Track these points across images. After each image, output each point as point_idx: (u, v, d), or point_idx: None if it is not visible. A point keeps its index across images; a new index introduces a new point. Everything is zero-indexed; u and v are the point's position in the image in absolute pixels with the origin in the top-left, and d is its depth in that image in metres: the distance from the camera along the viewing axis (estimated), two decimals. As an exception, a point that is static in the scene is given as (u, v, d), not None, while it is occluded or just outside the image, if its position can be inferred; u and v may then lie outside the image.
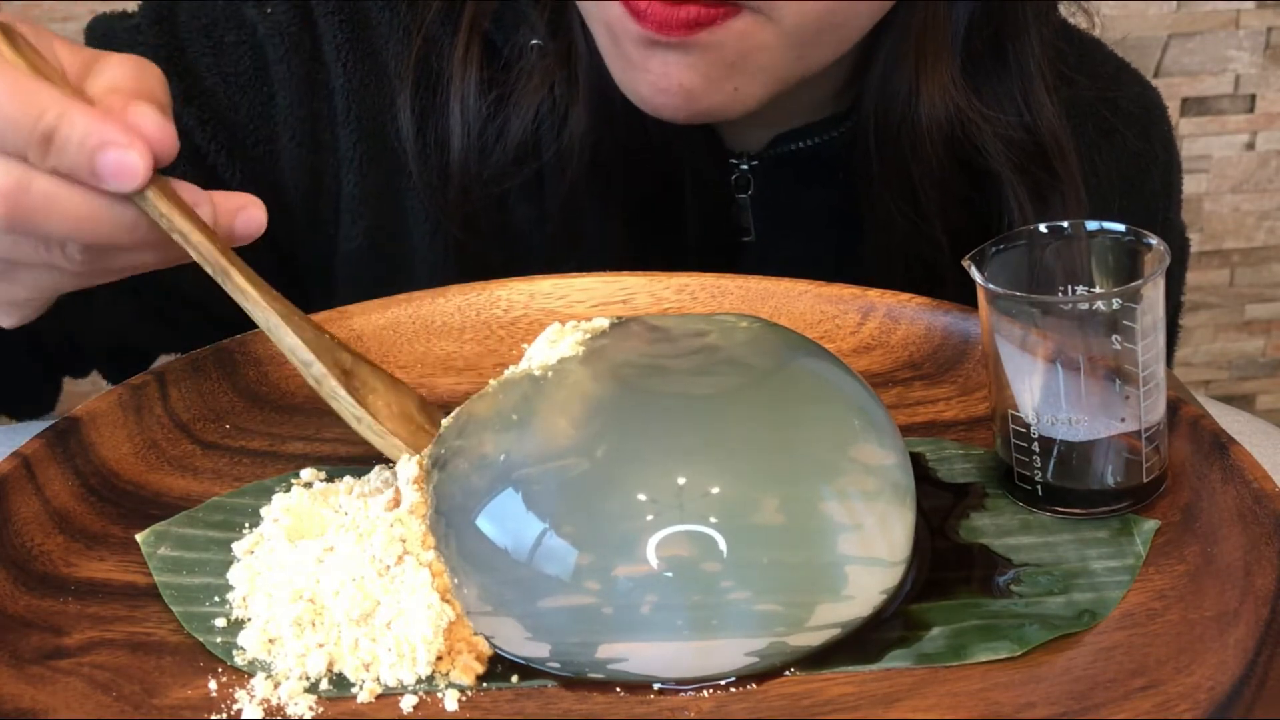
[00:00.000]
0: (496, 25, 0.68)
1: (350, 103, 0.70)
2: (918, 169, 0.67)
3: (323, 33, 0.70)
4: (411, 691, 0.41)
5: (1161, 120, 0.81)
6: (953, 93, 0.66)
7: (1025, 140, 0.67)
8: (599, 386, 0.44)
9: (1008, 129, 0.67)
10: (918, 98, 0.66)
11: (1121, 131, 0.77)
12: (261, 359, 0.55)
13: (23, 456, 0.47)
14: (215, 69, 0.69)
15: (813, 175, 0.72)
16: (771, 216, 0.72)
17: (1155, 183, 0.80)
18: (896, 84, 0.66)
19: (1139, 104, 0.79)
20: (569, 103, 0.67)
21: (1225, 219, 1.76)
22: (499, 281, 0.59)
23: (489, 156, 0.68)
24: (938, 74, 0.65)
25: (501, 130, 0.67)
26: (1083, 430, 0.45)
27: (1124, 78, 0.80)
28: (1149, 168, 0.79)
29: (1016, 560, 0.45)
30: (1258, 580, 0.42)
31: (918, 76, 0.66)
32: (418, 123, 0.68)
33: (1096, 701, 0.39)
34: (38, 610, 0.43)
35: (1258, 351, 1.84)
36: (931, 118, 0.66)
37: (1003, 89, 0.67)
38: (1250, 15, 1.66)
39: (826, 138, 0.71)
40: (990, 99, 0.67)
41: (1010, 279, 0.46)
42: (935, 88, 0.65)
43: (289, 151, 0.70)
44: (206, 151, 0.69)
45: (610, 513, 0.41)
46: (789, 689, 0.41)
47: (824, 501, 0.42)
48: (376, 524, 0.44)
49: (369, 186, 0.70)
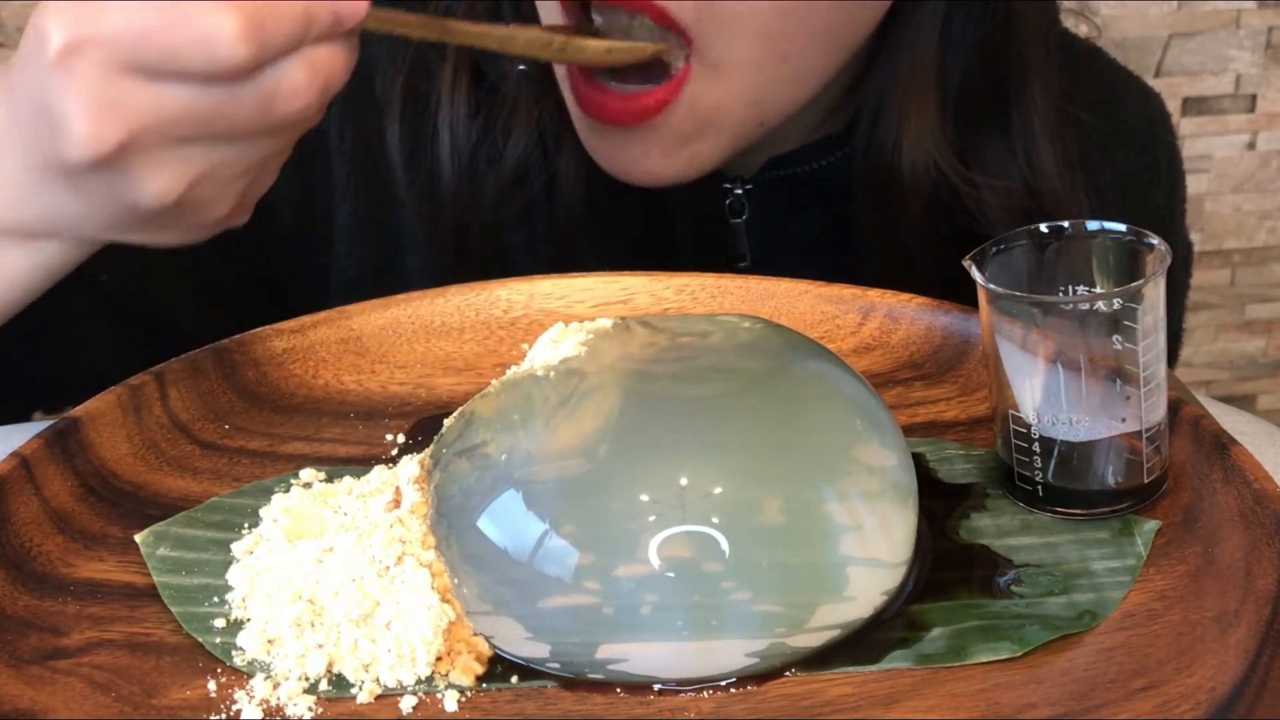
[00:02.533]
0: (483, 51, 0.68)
1: (344, 130, 0.69)
2: (903, 218, 0.66)
3: None
4: (411, 692, 0.41)
5: (1165, 131, 0.79)
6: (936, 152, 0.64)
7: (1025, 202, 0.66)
8: (601, 387, 0.44)
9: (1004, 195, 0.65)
10: (901, 149, 0.64)
11: (1124, 148, 0.76)
12: (260, 359, 0.55)
13: (21, 457, 0.47)
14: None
15: (807, 198, 0.71)
16: (767, 240, 0.72)
17: (1159, 198, 0.78)
18: (882, 129, 0.65)
19: (1141, 115, 0.78)
20: (559, 131, 0.67)
21: (1226, 219, 1.76)
22: (499, 281, 0.59)
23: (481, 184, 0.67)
24: (920, 129, 0.64)
25: (492, 157, 0.67)
26: (1083, 430, 0.45)
27: (1125, 88, 0.78)
28: (1153, 182, 0.77)
29: (1017, 561, 0.45)
30: (1259, 581, 0.42)
31: (900, 127, 0.64)
32: (408, 150, 0.68)
33: (1097, 702, 0.39)
34: (37, 611, 0.43)
35: (1259, 352, 1.84)
36: (914, 170, 0.64)
37: (1004, 147, 0.66)
38: (1251, 15, 1.66)
39: (820, 164, 0.70)
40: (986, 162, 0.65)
41: (1011, 279, 0.46)
42: (918, 144, 0.64)
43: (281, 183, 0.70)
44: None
45: (612, 513, 0.41)
46: (789, 690, 0.40)
47: (826, 502, 0.42)
48: (376, 524, 0.44)
49: (362, 215, 0.70)
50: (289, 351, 0.55)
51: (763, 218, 0.71)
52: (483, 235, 0.69)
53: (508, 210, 0.68)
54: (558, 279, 0.59)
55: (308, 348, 0.56)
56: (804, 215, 0.72)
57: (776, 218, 0.72)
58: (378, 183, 0.70)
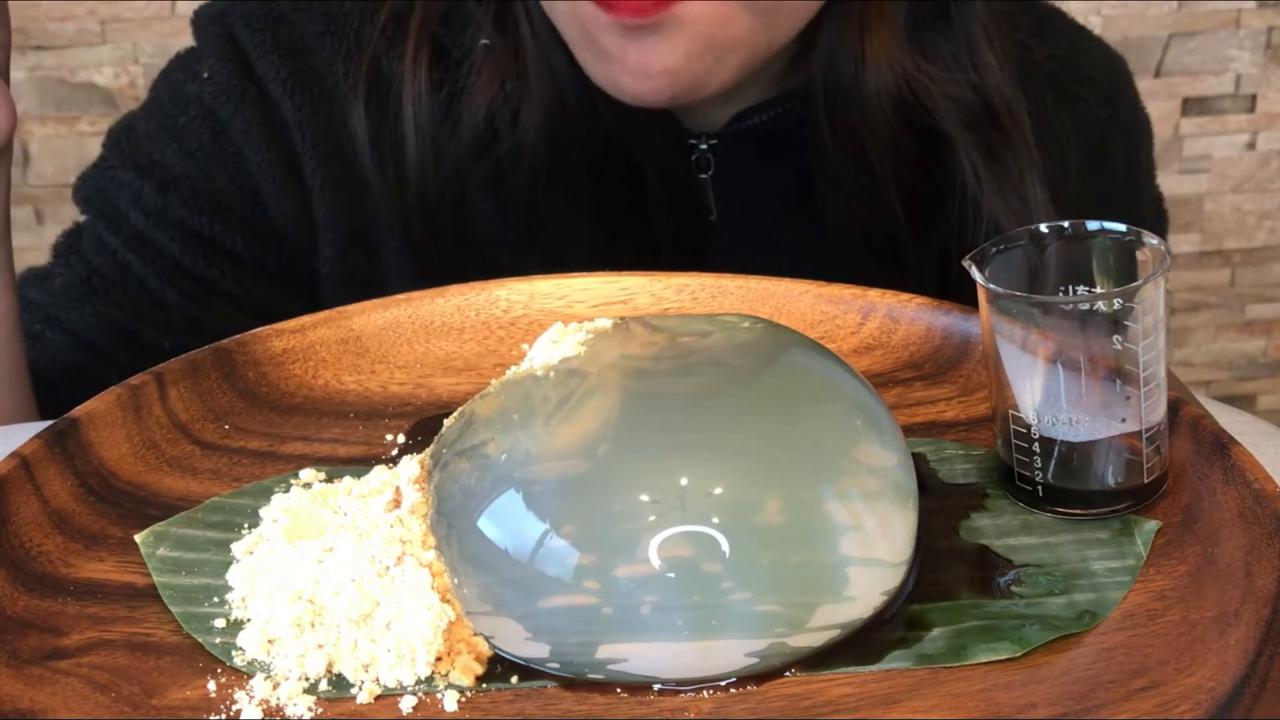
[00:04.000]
0: (444, 27, 0.68)
1: (305, 131, 0.71)
2: (869, 134, 0.68)
3: (264, 73, 0.71)
4: (411, 692, 0.41)
5: (1126, 84, 0.80)
6: (899, 55, 0.66)
7: (973, 99, 0.68)
8: (601, 387, 0.44)
9: (955, 88, 0.67)
10: (864, 62, 0.66)
11: (1084, 97, 0.77)
12: (260, 359, 0.55)
13: (21, 457, 0.47)
14: (180, 154, 0.71)
15: (772, 152, 0.72)
16: (733, 196, 0.72)
17: (1120, 149, 0.80)
18: (843, 50, 0.67)
19: (1101, 69, 0.79)
20: (520, 98, 0.67)
21: (1226, 219, 1.76)
22: (498, 281, 0.59)
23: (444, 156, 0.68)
24: (883, 39, 0.66)
25: (455, 128, 0.68)
26: (1083, 431, 0.45)
27: (1084, 44, 0.80)
28: (1113, 134, 0.79)
29: (1017, 561, 0.45)
30: (1259, 581, 0.42)
31: (863, 42, 0.66)
32: (372, 133, 0.69)
33: (1097, 702, 0.39)
34: (37, 611, 0.43)
35: (1259, 352, 1.84)
36: (879, 81, 0.66)
37: (948, 49, 0.68)
38: (1251, 15, 1.66)
39: (782, 110, 0.71)
40: (936, 60, 0.67)
41: (1010, 279, 0.46)
42: (881, 52, 0.66)
43: (274, 197, 0.71)
44: (201, 229, 0.71)
45: (612, 513, 0.41)
46: (789, 690, 0.40)
47: (826, 502, 0.42)
48: (376, 524, 0.44)
49: (335, 211, 0.71)
50: (289, 351, 0.55)
51: (729, 173, 0.72)
52: (450, 207, 0.69)
53: (472, 180, 0.69)
54: (558, 279, 0.59)
55: (308, 348, 0.56)
56: (770, 170, 0.73)
57: (743, 173, 0.73)
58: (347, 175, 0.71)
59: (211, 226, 0.71)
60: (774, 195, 0.74)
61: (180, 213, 0.71)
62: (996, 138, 0.69)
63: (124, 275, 0.72)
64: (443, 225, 0.70)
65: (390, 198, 0.70)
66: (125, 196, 0.72)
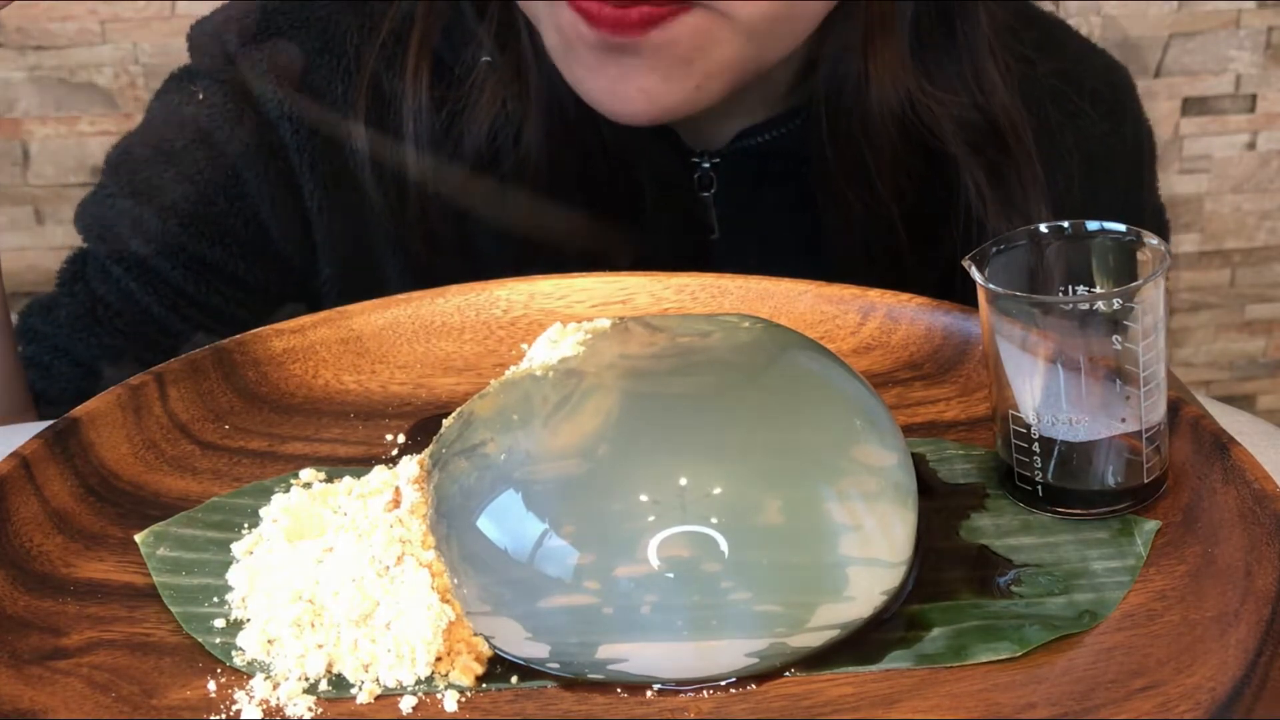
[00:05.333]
0: (446, 43, 0.68)
1: (303, 152, 0.70)
2: (872, 154, 0.67)
3: (261, 94, 0.70)
4: (411, 692, 0.41)
5: (1129, 98, 0.80)
6: (903, 76, 0.66)
7: (978, 120, 0.68)
8: (600, 387, 0.44)
9: (960, 109, 0.67)
10: (868, 83, 0.66)
11: (1088, 113, 0.76)
12: (260, 359, 0.55)
13: (21, 457, 0.47)
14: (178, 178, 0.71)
15: (774, 170, 0.72)
16: (735, 214, 0.72)
17: (1124, 165, 0.79)
18: (847, 69, 0.66)
19: (1105, 83, 0.79)
20: (522, 115, 0.67)
21: (1226, 219, 1.76)
22: (498, 281, 0.59)
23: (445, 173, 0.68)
24: (887, 59, 0.65)
25: (456, 146, 0.67)
26: (1083, 431, 0.45)
27: (1089, 58, 0.80)
28: (1116, 150, 0.78)
29: (1017, 561, 0.45)
30: (1259, 581, 0.42)
31: (867, 61, 0.65)
32: (373, 149, 0.69)
33: (1097, 702, 0.39)
34: (37, 611, 0.43)
35: (1259, 352, 1.84)
36: (883, 102, 0.66)
37: (953, 69, 0.67)
38: (1251, 15, 1.66)
39: (785, 129, 0.71)
40: (941, 80, 0.67)
41: (1010, 279, 0.46)
42: (886, 72, 0.66)
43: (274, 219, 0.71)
44: (202, 254, 0.71)
45: (612, 513, 0.41)
46: (789, 690, 0.40)
47: (826, 502, 0.42)
48: (376, 524, 0.44)
49: (335, 231, 0.71)
50: (289, 351, 0.55)
51: (731, 191, 0.72)
52: (451, 224, 0.69)
53: (473, 197, 0.68)
54: (558, 279, 0.59)
55: (308, 348, 0.56)
56: (772, 188, 0.73)
57: (745, 191, 0.72)
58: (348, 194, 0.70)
59: (212, 251, 0.71)
60: (776, 214, 0.74)
61: (180, 238, 0.71)
62: (1001, 158, 0.68)
63: (128, 303, 0.72)
64: (444, 242, 0.70)
65: (391, 215, 0.69)
66: (125, 224, 0.72)
